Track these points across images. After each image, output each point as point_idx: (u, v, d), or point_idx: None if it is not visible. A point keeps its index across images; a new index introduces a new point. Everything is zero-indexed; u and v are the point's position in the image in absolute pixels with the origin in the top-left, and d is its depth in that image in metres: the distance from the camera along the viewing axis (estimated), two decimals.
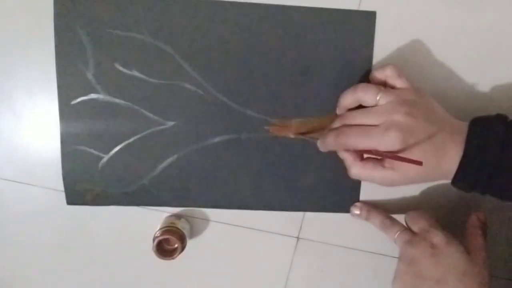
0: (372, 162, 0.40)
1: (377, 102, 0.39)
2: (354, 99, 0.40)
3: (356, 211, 0.46)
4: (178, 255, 0.44)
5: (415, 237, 0.41)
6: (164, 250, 0.44)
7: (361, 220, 0.46)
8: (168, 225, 0.44)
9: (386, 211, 0.45)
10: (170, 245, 0.45)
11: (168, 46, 0.43)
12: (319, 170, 0.46)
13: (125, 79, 0.43)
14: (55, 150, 0.43)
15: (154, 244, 0.43)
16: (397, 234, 0.42)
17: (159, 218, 0.46)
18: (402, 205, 0.48)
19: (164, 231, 0.43)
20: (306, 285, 0.49)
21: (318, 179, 0.46)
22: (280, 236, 0.48)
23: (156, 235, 0.43)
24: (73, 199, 0.45)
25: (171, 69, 0.43)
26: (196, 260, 0.48)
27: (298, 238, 0.48)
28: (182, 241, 0.43)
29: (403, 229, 0.43)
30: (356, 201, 0.47)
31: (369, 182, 0.41)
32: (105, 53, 0.42)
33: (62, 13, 0.41)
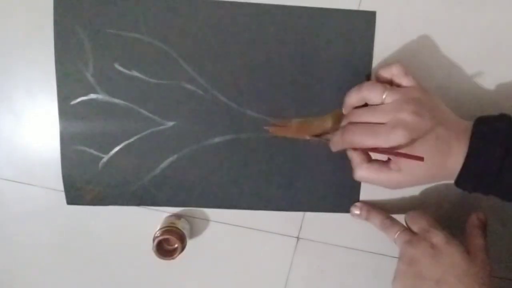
0: (378, 164, 0.40)
1: (383, 101, 0.38)
2: (360, 98, 0.40)
3: (356, 211, 0.46)
4: (178, 255, 0.44)
5: (415, 237, 0.41)
6: (164, 250, 0.44)
7: (361, 220, 0.46)
8: (168, 225, 0.44)
9: (386, 211, 0.45)
10: (170, 245, 0.45)
11: (168, 46, 0.43)
12: (319, 170, 0.46)
13: (125, 79, 0.43)
14: (55, 150, 0.43)
15: (154, 244, 0.43)
16: (397, 234, 0.42)
17: (159, 218, 0.46)
18: (402, 205, 0.47)
19: (164, 231, 0.43)
20: (306, 285, 0.49)
21: (318, 179, 0.46)
22: (280, 236, 0.48)
23: (156, 235, 0.43)
24: (73, 199, 0.45)
25: (171, 69, 0.43)
26: (196, 260, 0.48)
27: (298, 238, 0.48)
28: (182, 241, 0.43)
29: (403, 229, 0.43)
30: (356, 201, 0.47)
31: (375, 185, 0.40)
32: (105, 53, 0.42)
33: (62, 13, 0.41)
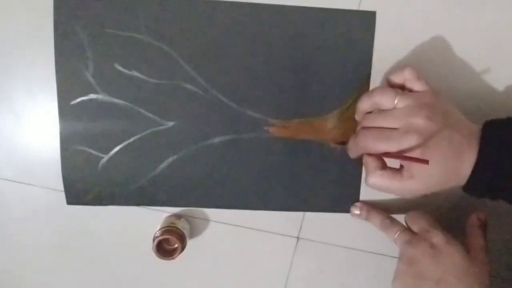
0: (391, 172, 0.39)
1: (395, 106, 0.38)
2: (372, 103, 0.39)
3: (356, 211, 0.46)
4: (178, 255, 0.44)
5: (415, 237, 0.41)
6: (164, 250, 0.44)
7: (361, 220, 0.46)
8: (168, 225, 0.44)
9: (386, 211, 0.45)
10: (170, 245, 0.45)
11: (168, 46, 0.43)
12: (319, 170, 0.46)
13: (125, 79, 0.43)
14: (55, 150, 0.43)
15: (154, 244, 0.43)
16: (397, 234, 0.42)
17: (159, 218, 0.46)
18: (402, 205, 0.47)
19: (164, 231, 0.43)
20: (306, 285, 0.49)
21: (318, 179, 0.46)
22: (280, 236, 0.48)
23: (156, 235, 0.43)
24: (73, 199, 0.45)
25: (171, 69, 0.43)
26: (196, 260, 0.48)
27: (298, 238, 0.48)
28: (182, 241, 0.43)
29: (403, 229, 0.43)
30: (356, 201, 0.47)
31: (389, 193, 0.40)
32: (105, 53, 0.42)
33: (62, 13, 0.41)
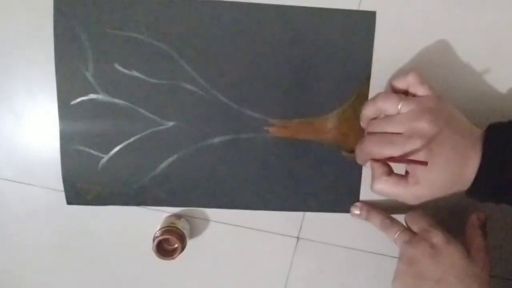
0: (397, 178, 0.39)
1: (399, 111, 0.38)
2: (376, 109, 0.40)
3: (356, 211, 0.46)
4: (178, 255, 0.44)
5: (415, 237, 0.41)
6: (164, 250, 0.44)
7: (361, 220, 0.46)
8: (168, 225, 0.44)
9: (386, 211, 0.45)
10: (170, 245, 0.45)
11: (168, 46, 0.43)
12: (319, 170, 0.46)
13: (125, 79, 0.43)
14: (55, 150, 0.43)
15: (154, 244, 0.43)
16: (397, 234, 0.42)
17: (159, 218, 0.46)
18: (402, 205, 0.47)
19: (164, 231, 0.43)
20: (306, 285, 0.49)
21: (318, 179, 0.46)
22: (280, 236, 0.48)
23: (156, 235, 0.43)
24: (73, 199, 0.45)
25: (171, 69, 0.43)
26: (196, 260, 0.48)
27: (298, 238, 0.48)
28: (182, 241, 0.43)
29: (403, 229, 0.43)
30: (356, 201, 0.47)
31: (394, 199, 0.40)
32: (105, 53, 0.42)
33: (62, 13, 0.41)
